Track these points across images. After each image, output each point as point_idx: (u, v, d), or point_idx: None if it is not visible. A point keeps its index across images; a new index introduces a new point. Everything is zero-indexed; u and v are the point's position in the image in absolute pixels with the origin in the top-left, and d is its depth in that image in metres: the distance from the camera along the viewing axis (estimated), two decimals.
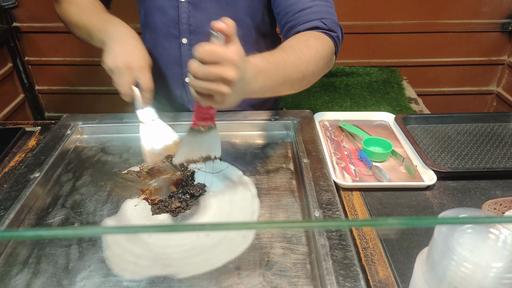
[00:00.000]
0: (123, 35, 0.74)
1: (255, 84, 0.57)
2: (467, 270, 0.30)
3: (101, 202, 0.68)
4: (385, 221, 0.25)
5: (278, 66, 0.61)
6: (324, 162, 0.71)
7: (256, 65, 0.57)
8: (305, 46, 0.67)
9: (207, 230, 0.48)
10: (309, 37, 0.70)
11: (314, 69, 0.68)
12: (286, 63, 0.62)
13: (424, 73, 1.72)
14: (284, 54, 0.63)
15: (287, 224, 0.31)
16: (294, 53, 0.65)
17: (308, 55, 0.66)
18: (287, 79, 0.63)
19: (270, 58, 0.61)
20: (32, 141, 0.85)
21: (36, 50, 1.74)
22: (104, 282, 0.54)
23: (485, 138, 0.80)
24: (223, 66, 0.50)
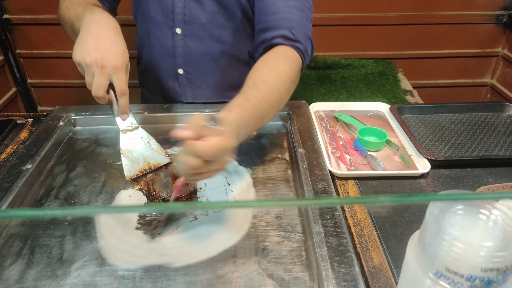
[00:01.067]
0: (98, 24, 0.64)
1: (239, 139, 0.56)
2: (458, 249, 0.30)
3: (95, 193, 0.67)
4: (376, 198, 0.25)
5: (256, 110, 0.60)
6: (320, 151, 0.71)
7: (236, 122, 0.55)
8: (276, 74, 0.65)
9: (198, 208, 0.48)
10: (278, 62, 0.67)
11: (286, 95, 0.67)
12: (261, 104, 0.61)
13: (419, 65, 1.72)
14: (258, 94, 0.61)
15: (278, 202, 0.31)
16: (267, 88, 0.63)
17: (279, 85, 0.64)
18: (265, 116, 0.63)
19: (247, 106, 0.59)
20: (24, 133, 0.84)
21: (28, 43, 1.72)
22: (99, 272, 0.53)
23: (478, 127, 0.81)
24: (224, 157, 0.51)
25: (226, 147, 0.50)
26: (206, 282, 0.52)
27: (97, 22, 0.64)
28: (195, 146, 0.47)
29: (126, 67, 0.63)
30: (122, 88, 0.62)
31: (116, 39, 0.64)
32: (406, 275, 0.36)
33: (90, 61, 0.61)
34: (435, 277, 0.32)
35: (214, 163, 0.50)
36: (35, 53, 1.75)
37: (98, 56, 0.60)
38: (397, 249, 0.55)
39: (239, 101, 0.59)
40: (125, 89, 0.63)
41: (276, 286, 0.51)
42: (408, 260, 0.36)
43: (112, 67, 0.61)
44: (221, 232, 0.59)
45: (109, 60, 0.61)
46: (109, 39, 0.63)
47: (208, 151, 0.48)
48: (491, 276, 0.29)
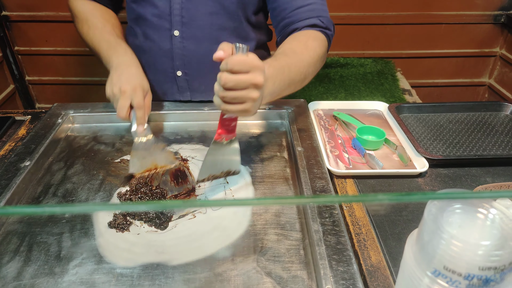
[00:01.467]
0: (123, 64, 0.76)
1: (265, 89, 0.59)
2: (456, 248, 0.30)
3: (93, 190, 0.67)
4: (375, 196, 0.25)
5: (284, 71, 0.65)
6: (318, 150, 0.72)
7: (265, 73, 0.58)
8: (305, 47, 0.71)
9: (197, 206, 0.48)
10: (308, 38, 0.74)
11: (313, 69, 0.73)
12: (290, 68, 0.66)
13: (418, 64, 1.73)
14: (288, 59, 0.67)
15: (277, 200, 0.31)
16: (296, 56, 0.69)
17: (308, 57, 0.71)
18: (291, 82, 0.67)
19: (276, 64, 0.64)
20: (22, 130, 0.83)
21: (26, 40, 1.72)
22: (97, 270, 0.53)
23: (476, 127, 0.81)
24: (253, 73, 0.54)
25: (254, 63, 0.54)
26: (205, 280, 0.52)
27: (122, 63, 0.77)
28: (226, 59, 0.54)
29: (142, 89, 0.73)
30: (138, 102, 0.71)
31: (136, 72, 0.76)
32: (404, 274, 0.36)
33: (116, 90, 0.72)
34: (433, 275, 0.32)
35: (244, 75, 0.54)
36: (33, 50, 1.74)
37: (120, 85, 0.72)
38: (395, 248, 0.55)
39: (269, 60, 0.64)
40: (140, 103, 0.71)
41: (274, 284, 0.51)
42: (406, 258, 0.36)
43: (131, 90, 0.71)
44: (219, 230, 0.59)
45: (129, 86, 0.71)
46: (130, 73, 0.75)
47: (237, 61, 0.53)
48: (489, 275, 0.29)
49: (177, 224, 0.60)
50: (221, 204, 0.50)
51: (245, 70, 0.54)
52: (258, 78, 0.54)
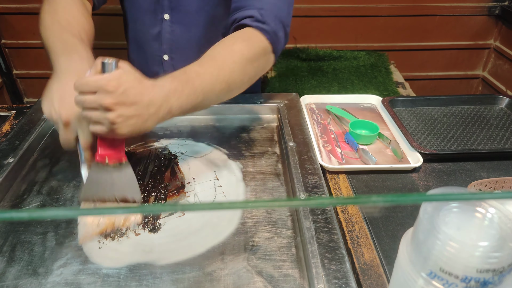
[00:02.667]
0: (70, 73, 0.61)
1: (167, 104, 0.55)
2: (452, 249, 0.29)
3: (79, 188, 0.65)
4: (369, 198, 0.24)
5: (193, 83, 0.58)
6: (310, 145, 0.70)
7: (164, 87, 0.55)
8: (228, 52, 0.63)
9: (188, 210, 0.46)
10: (236, 40, 0.66)
11: (241, 75, 0.64)
12: (202, 78, 0.59)
13: (412, 57, 1.72)
14: (201, 68, 0.60)
15: (268, 203, 0.30)
16: (213, 63, 0.61)
17: (231, 62, 0.62)
18: (209, 92, 0.60)
19: (183, 77, 0.58)
20: (6, 125, 0.81)
21: (13, 33, 1.67)
22: (82, 270, 0.52)
23: (471, 120, 0.80)
24: (99, 95, 0.50)
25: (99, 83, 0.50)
26: (194, 280, 0.50)
27: (68, 73, 0.61)
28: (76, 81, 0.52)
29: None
30: (85, 142, 0.58)
31: None
32: (398, 274, 0.35)
33: (55, 115, 0.58)
34: (429, 277, 0.31)
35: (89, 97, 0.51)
36: (20, 43, 1.70)
37: (61, 111, 0.58)
38: (389, 245, 0.54)
39: (174, 73, 0.58)
40: (87, 143, 0.58)
41: (265, 284, 0.49)
42: (401, 259, 0.34)
43: (76, 121, 0.57)
44: (209, 228, 0.57)
45: (73, 114, 0.57)
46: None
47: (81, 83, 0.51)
48: (486, 277, 0.28)
49: (166, 222, 0.58)
50: (206, 208, 0.48)
51: (91, 91, 0.51)
52: (104, 99, 0.50)
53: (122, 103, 0.51)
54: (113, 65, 0.51)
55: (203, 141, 0.76)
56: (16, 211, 0.21)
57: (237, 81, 0.63)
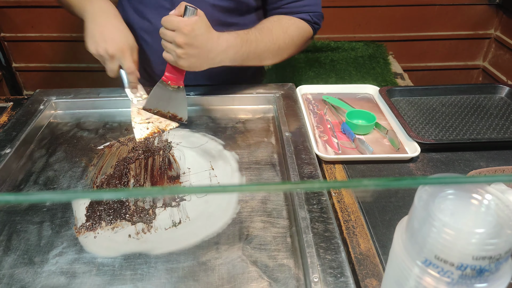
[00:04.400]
0: (101, 13, 0.74)
1: (225, 55, 0.70)
2: (448, 236, 0.28)
3: (75, 178, 0.65)
4: (360, 182, 0.23)
5: (250, 45, 0.72)
6: (307, 135, 0.70)
7: (228, 40, 0.69)
8: (282, 32, 0.76)
9: (180, 193, 0.46)
10: (291, 25, 0.78)
11: (284, 52, 0.79)
12: (258, 44, 0.73)
13: (410, 47, 1.70)
14: (259, 35, 0.74)
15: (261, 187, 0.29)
16: (269, 36, 0.75)
17: (281, 41, 0.76)
18: (257, 56, 0.75)
19: (244, 37, 0.71)
20: (3, 117, 0.80)
21: (12, 26, 1.67)
22: (78, 259, 0.52)
23: (470, 110, 0.79)
24: (176, 32, 0.65)
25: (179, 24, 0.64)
26: (188, 269, 0.50)
27: (99, 13, 0.74)
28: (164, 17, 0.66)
29: (130, 49, 0.74)
30: (129, 67, 0.74)
31: (118, 25, 0.75)
32: (393, 263, 0.35)
33: (102, 52, 0.72)
34: (424, 265, 0.30)
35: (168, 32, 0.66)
36: (19, 37, 1.69)
37: (106, 47, 0.71)
38: (385, 235, 0.54)
39: (239, 32, 0.72)
40: (131, 67, 0.74)
41: (260, 273, 0.49)
42: (395, 247, 0.34)
43: (120, 52, 0.72)
44: (204, 217, 0.57)
45: (116, 48, 0.72)
46: (113, 26, 0.74)
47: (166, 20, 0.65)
48: (483, 265, 0.28)
49: (161, 212, 0.58)
50: (205, 191, 0.48)
51: (171, 28, 0.65)
52: (178, 38, 0.64)
53: (190, 44, 0.65)
54: (193, 11, 0.65)
55: (199, 132, 0.75)
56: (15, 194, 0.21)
57: (279, 55, 0.78)
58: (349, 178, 0.64)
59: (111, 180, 0.64)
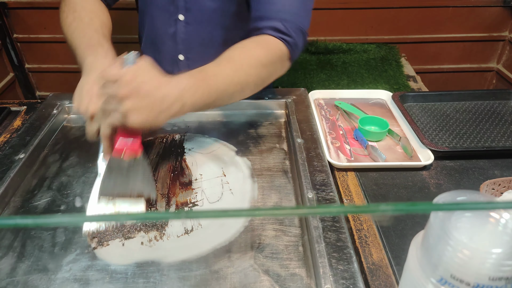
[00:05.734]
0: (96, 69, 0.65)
1: (182, 101, 0.57)
2: (464, 256, 0.28)
3: (88, 184, 0.65)
4: (377, 207, 0.23)
5: (209, 82, 0.60)
6: (319, 141, 0.69)
7: (180, 83, 0.57)
8: (246, 56, 0.65)
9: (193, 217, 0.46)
10: (256, 45, 0.68)
11: (255, 79, 0.66)
12: (218, 78, 0.61)
13: (423, 49, 1.68)
14: (218, 68, 0.62)
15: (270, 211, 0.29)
16: (229, 65, 0.63)
17: (247, 66, 0.64)
18: (223, 93, 0.62)
19: (199, 75, 0.60)
20: (17, 121, 0.82)
21: (25, 27, 1.69)
22: (91, 266, 0.52)
23: (484, 116, 0.78)
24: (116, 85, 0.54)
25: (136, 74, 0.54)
26: (200, 278, 0.50)
27: (96, 68, 0.66)
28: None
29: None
30: (104, 132, 0.60)
31: None
32: (407, 279, 0.34)
33: (82, 109, 0.63)
34: (439, 283, 0.30)
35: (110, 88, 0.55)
36: (32, 38, 1.71)
37: (88, 106, 0.62)
38: (397, 245, 0.53)
39: (192, 71, 0.61)
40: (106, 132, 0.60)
41: (272, 283, 0.49)
42: (410, 263, 0.34)
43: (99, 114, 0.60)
44: (216, 225, 0.57)
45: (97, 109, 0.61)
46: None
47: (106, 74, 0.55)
48: (499, 285, 0.27)
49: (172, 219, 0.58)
50: (219, 216, 0.48)
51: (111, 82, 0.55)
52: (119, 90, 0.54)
53: (136, 93, 0.54)
54: (132, 59, 0.56)
55: (211, 137, 0.76)
56: (21, 217, 0.21)
57: (251, 85, 0.65)
58: (362, 185, 0.63)
59: None
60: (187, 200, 0.61)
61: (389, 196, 0.61)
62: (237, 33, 0.84)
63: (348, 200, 0.60)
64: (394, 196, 0.61)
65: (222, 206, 0.60)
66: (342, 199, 0.61)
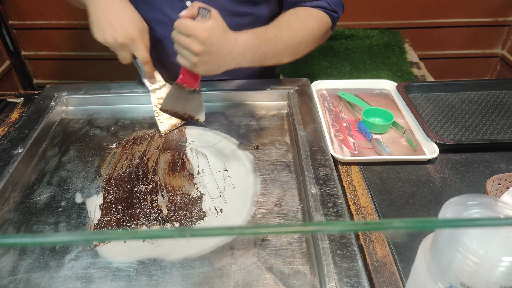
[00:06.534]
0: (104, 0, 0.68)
1: (242, 57, 0.66)
2: (473, 264, 0.27)
3: (88, 178, 0.65)
4: (390, 224, 0.22)
5: (269, 43, 0.68)
6: (322, 134, 0.68)
7: (246, 42, 0.65)
8: (301, 26, 0.72)
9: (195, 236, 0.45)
10: (308, 16, 0.74)
11: (304, 48, 0.74)
12: (277, 42, 0.69)
13: (427, 35, 1.65)
14: (278, 32, 0.69)
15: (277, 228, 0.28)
16: (288, 31, 0.70)
17: (301, 35, 0.72)
18: (276, 55, 0.70)
19: (263, 36, 0.67)
20: (15, 113, 0.80)
21: (20, 13, 1.65)
22: (93, 264, 0.52)
23: (490, 107, 0.76)
24: (191, 40, 0.61)
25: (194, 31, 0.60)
26: (203, 275, 0.50)
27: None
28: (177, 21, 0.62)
29: (141, 34, 0.69)
30: (143, 57, 0.69)
31: (124, 8, 0.69)
32: (415, 282, 0.34)
33: (110, 40, 0.67)
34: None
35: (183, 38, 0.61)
36: (27, 24, 1.68)
37: (115, 35, 0.66)
38: (402, 241, 0.53)
39: (257, 30, 0.68)
40: (145, 57, 0.70)
41: (276, 280, 0.49)
42: (418, 266, 0.33)
43: (129, 40, 0.67)
44: (218, 220, 0.57)
45: (126, 35, 0.67)
46: (119, 11, 0.68)
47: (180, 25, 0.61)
48: None
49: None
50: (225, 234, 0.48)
51: (186, 33, 0.61)
52: (194, 45, 0.60)
53: (207, 52, 0.61)
54: (206, 13, 0.61)
55: (212, 130, 0.74)
56: (20, 236, 0.21)
57: (300, 51, 0.74)
58: (365, 179, 0.62)
59: (122, 184, 0.63)
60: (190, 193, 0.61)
61: (393, 190, 0.60)
62: (246, 20, 0.81)
63: (352, 195, 0.59)
64: (399, 191, 0.60)
65: (224, 201, 0.59)
66: (346, 194, 0.60)
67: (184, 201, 0.60)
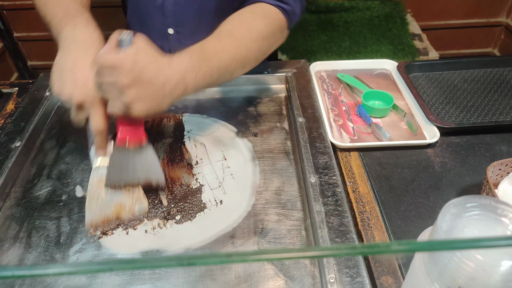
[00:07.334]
0: (79, 44, 0.58)
1: (184, 84, 0.53)
2: (470, 268, 0.27)
3: (88, 171, 0.65)
4: (388, 247, 0.22)
5: (210, 61, 0.56)
6: (321, 120, 0.67)
7: (181, 64, 0.53)
8: (247, 29, 0.62)
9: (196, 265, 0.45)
10: (255, 17, 0.64)
11: (256, 53, 0.63)
12: (219, 56, 0.57)
13: (430, 4, 1.60)
14: (218, 44, 0.58)
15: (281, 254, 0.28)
16: (231, 40, 0.60)
17: (248, 41, 0.61)
18: (225, 70, 0.59)
19: (200, 54, 0.56)
20: (10, 104, 0.79)
21: None
22: (97, 256, 0.53)
23: (493, 86, 0.75)
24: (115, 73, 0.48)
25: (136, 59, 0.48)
26: (205, 267, 0.51)
27: (78, 42, 0.58)
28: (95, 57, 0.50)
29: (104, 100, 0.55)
30: (97, 126, 0.56)
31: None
32: (413, 280, 0.34)
33: (66, 97, 0.55)
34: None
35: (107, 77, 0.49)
36: (18, 5, 1.64)
37: (73, 92, 0.55)
38: (400, 227, 0.53)
39: (192, 49, 0.56)
40: (99, 126, 0.56)
41: (276, 271, 0.50)
42: (416, 265, 0.33)
43: (88, 103, 0.55)
44: (218, 210, 0.57)
45: (85, 97, 0.55)
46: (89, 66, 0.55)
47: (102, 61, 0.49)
48: None
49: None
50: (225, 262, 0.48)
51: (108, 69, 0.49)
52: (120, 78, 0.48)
53: (138, 81, 0.49)
54: (129, 40, 0.50)
55: (210, 117, 0.74)
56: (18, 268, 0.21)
57: (252, 59, 0.63)
58: (365, 166, 0.62)
59: None
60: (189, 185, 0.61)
61: (392, 177, 0.60)
62: (230, 3, 0.78)
63: (351, 182, 0.59)
64: (398, 177, 0.60)
65: (224, 192, 0.60)
66: (345, 181, 0.60)
67: (184, 192, 0.60)
